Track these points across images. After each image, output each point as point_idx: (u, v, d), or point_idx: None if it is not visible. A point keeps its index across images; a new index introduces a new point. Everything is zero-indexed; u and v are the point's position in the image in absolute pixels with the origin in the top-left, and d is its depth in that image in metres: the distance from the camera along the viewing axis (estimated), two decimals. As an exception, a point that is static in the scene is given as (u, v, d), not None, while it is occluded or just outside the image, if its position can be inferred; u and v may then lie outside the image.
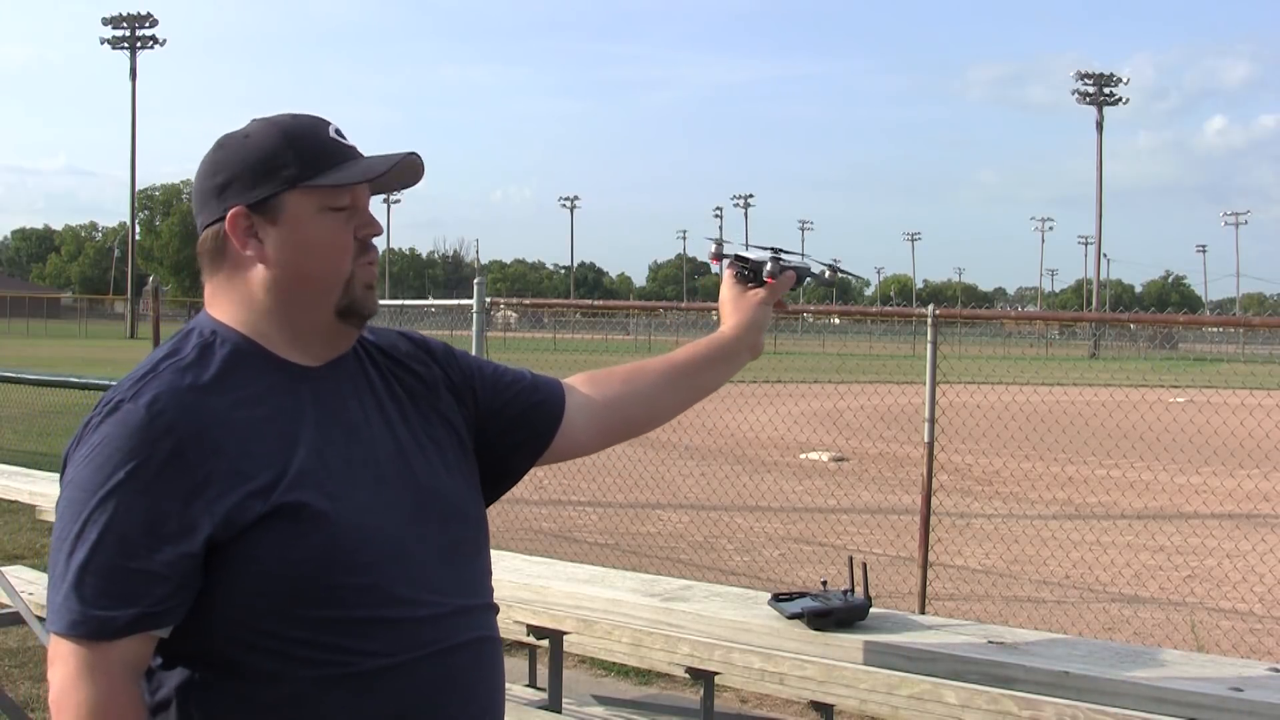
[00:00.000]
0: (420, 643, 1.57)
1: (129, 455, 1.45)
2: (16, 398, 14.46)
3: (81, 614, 1.43)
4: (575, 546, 8.09)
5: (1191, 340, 60.90)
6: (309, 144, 1.60)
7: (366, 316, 1.66)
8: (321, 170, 1.59)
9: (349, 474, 1.57)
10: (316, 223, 1.60)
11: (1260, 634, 6.65)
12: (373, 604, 1.53)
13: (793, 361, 28.17)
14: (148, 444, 1.46)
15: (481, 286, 7.17)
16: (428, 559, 1.62)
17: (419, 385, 1.75)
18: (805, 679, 2.98)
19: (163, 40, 74.34)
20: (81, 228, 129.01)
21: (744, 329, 2.18)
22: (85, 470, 1.47)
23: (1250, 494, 10.14)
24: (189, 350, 1.57)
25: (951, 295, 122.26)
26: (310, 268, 1.60)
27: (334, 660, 1.51)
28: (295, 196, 1.59)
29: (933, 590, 6.52)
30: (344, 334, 1.66)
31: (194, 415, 1.49)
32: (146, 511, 1.45)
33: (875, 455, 14.03)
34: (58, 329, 59.96)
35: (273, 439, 1.53)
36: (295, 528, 1.49)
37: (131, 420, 1.47)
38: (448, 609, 1.61)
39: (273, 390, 1.57)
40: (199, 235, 1.63)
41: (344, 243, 1.62)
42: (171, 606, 1.46)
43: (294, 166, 1.58)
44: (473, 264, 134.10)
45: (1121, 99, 78.85)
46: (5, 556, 6.95)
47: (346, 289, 1.62)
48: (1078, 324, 60.46)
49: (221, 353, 1.57)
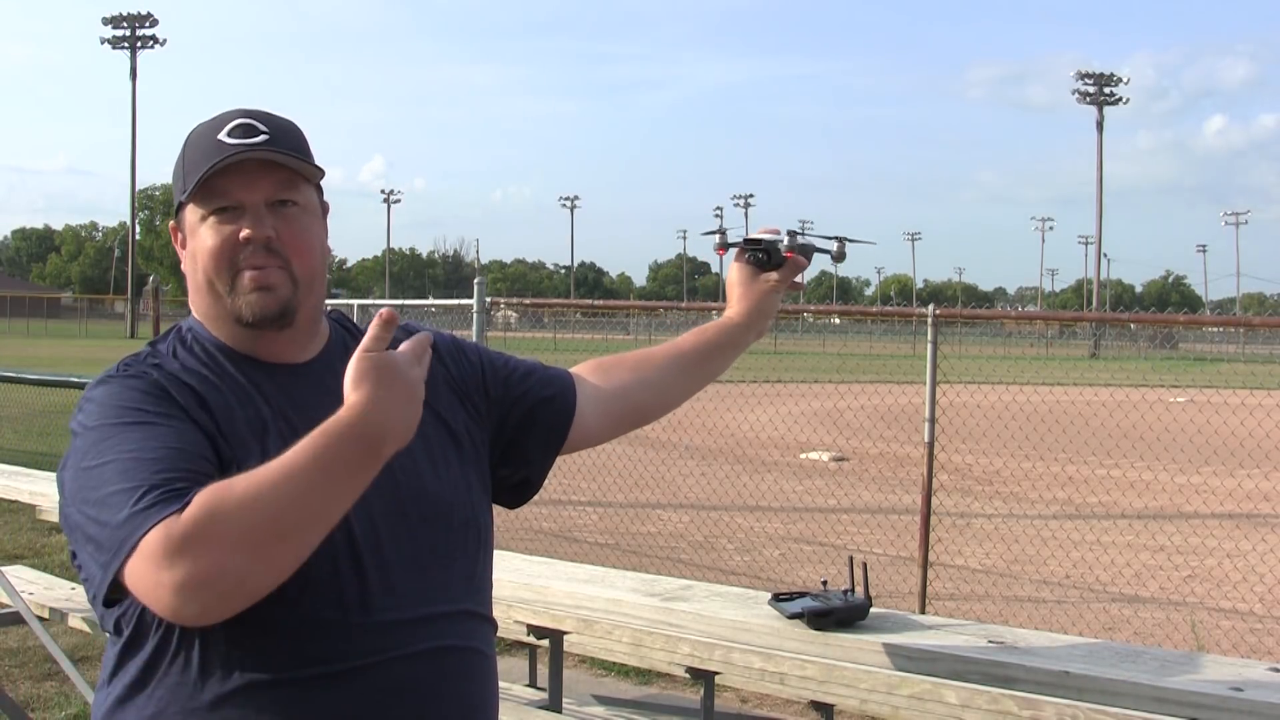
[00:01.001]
0: (367, 650, 1.52)
1: (139, 399, 1.51)
2: (16, 398, 14.46)
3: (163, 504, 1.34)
4: (575, 546, 8.09)
5: (1191, 340, 60.89)
6: (195, 154, 1.62)
7: (265, 322, 1.60)
8: (193, 183, 1.60)
9: None
10: (202, 232, 1.61)
11: (1260, 634, 6.66)
12: (312, 605, 1.49)
13: (793, 361, 28.17)
14: (149, 393, 1.52)
15: (481, 286, 7.17)
16: (396, 563, 1.57)
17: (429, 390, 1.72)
18: (805, 679, 2.98)
19: (163, 40, 74.33)
20: (81, 228, 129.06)
21: (755, 316, 2.15)
22: (96, 417, 1.49)
23: (1250, 494, 10.14)
24: (169, 342, 1.65)
25: (951, 295, 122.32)
26: (198, 278, 1.63)
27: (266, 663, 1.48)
28: (189, 209, 1.63)
29: (933, 590, 6.53)
30: (272, 338, 1.62)
31: (180, 383, 1.56)
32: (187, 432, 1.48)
33: (875, 455, 14.03)
34: (58, 329, 59.94)
35: (242, 422, 1.56)
36: None
37: (128, 382, 1.54)
38: (411, 616, 1.56)
39: (239, 383, 1.60)
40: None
41: (218, 249, 1.59)
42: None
43: (181, 179, 1.63)
44: (473, 264, 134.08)
45: (1121, 99, 78.92)
46: (5, 556, 6.95)
47: (232, 296, 1.60)
48: (1078, 324, 60.46)
49: (195, 347, 1.63)
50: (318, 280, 1.66)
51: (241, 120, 1.61)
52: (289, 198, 1.62)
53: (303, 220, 1.63)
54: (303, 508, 1.34)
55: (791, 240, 2.16)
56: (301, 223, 1.63)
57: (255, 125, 1.61)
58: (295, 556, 1.36)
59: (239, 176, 1.58)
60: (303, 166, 1.63)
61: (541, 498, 7.04)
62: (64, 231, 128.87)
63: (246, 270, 1.58)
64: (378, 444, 1.39)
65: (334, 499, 1.37)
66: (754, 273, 2.17)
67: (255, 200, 1.59)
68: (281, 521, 1.33)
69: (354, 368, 1.41)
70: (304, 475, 1.34)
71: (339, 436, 1.36)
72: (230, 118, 1.63)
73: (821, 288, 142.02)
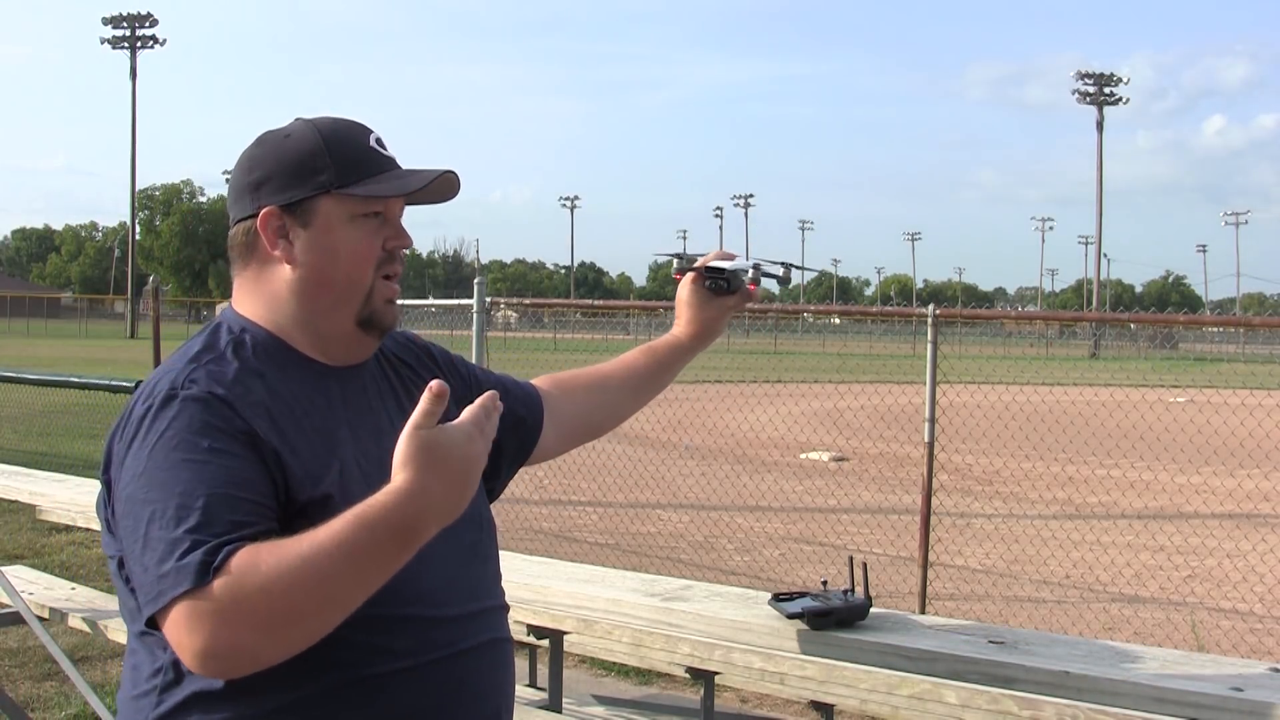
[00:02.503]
0: (439, 644, 1.57)
1: (206, 428, 1.44)
2: (16, 398, 14.46)
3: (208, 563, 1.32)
4: (575, 546, 8.09)
5: (1191, 340, 60.90)
6: (347, 150, 1.61)
7: (385, 330, 1.67)
8: (357, 178, 1.60)
9: (377, 475, 1.54)
10: (346, 230, 1.60)
11: (1260, 634, 6.66)
12: (399, 602, 1.52)
13: (793, 361, 28.19)
14: (221, 419, 1.46)
15: (481, 286, 7.17)
16: (450, 561, 1.63)
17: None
18: (805, 679, 2.98)
19: (163, 40, 74.34)
20: (81, 227, 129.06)
21: (706, 338, 2.24)
22: (163, 451, 1.42)
23: (1250, 494, 10.14)
24: (223, 346, 1.58)
25: (951, 295, 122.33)
26: (334, 274, 1.60)
27: (359, 660, 1.50)
28: (328, 202, 1.59)
29: (933, 590, 6.53)
30: (364, 342, 1.67)
31: (245, 401, 1.50)
32: (240, 470, 1.43)
33: (875, 455, 14.03)
34: (58, 329, 59.96)
35: (311, 434, 1.54)
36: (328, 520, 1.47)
37: (194, 404, 1.46)
38: (465, 611, 1.63)
39: (305, 389, 1.58)
40: (230, 229, 1.65)
41: (369, 253, 1.62)
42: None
43: (330, 172, 1.59)
44: (473, 264, 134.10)
45: (1121, 99, 78.91)
46: (5, 556, 6.95)
47: (367, 300, 1.62)
48: (1078, 324, 60.46)
49: (253, 349, 1.58)
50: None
51: (375, 133, 1.66)
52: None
53: None
54: (324, 596, 1.33)
55: (755, 273, 2.20)
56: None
57: (384, 141, 1.68)
58: (311, 637, 1.36)
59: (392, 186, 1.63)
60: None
61: (541, 497, 7.02)
62: (64, 231, 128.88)
63: (384, 279, 1.63)
64: (414, 534, 1.34)
65: (357, 588, 1.35)
66: (708, 296, 2.23)
67: (395, 213, 1.65)
68: (300, 608, 1.32)
69: (404, 445, 1.35)
70: (330, 563, 1.31)
71: (373, 527, 1.32)
72: (360, 125, 1.66)
73: (821, 288, 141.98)
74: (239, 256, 1.64)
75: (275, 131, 1.64)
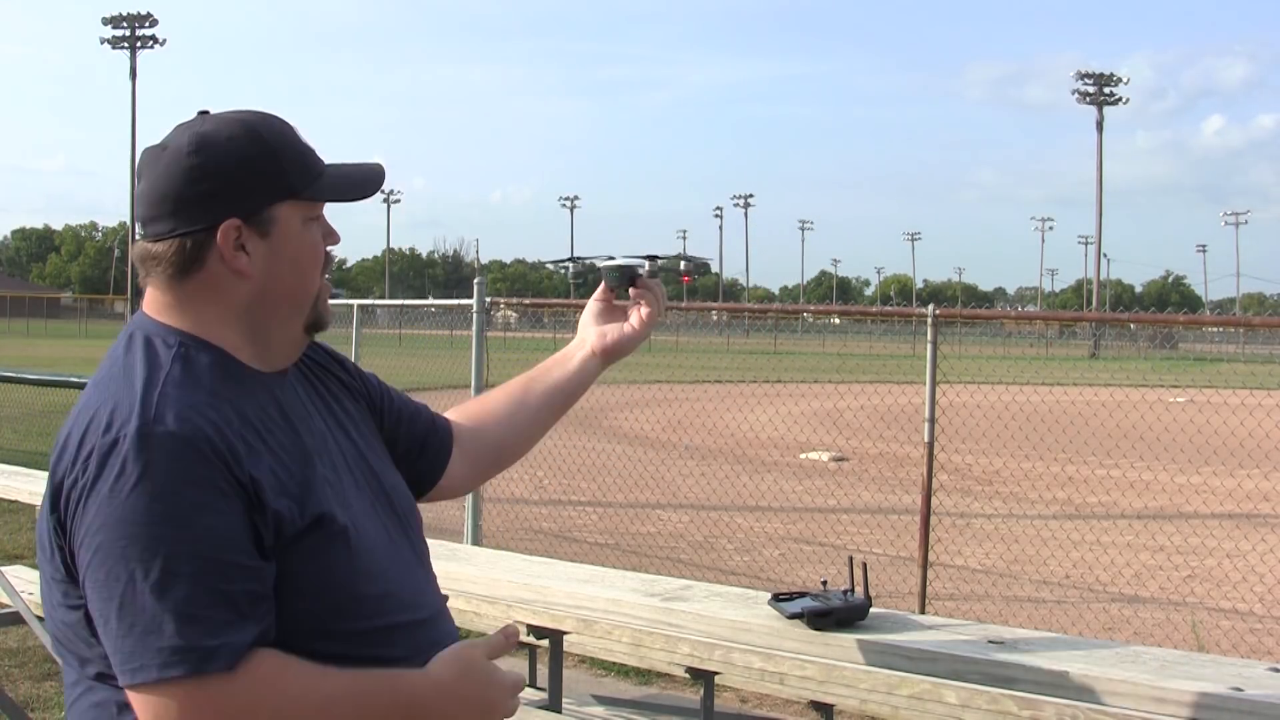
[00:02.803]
0: (422, 646, 1.55)
1: (185, 479, 1.36)
2: (16, 398, 14.47)
3: (205, 648, 1.31)
4: (575, 546, 8.09)
5: (1191, 340, 60.90)
6: (294, 153, 1.55)
7: (325, 329, 1.64)
8: (310, 181, 1.54)
9: (339, 481, 1.55)
10: (301, 236, 1.55)
11: (1260, 634, 6.66)
12: (390, 611, 1.52)
13: (793, 361, 28.18)
14: (200, 463, 1.37)
15: (481, 286, 7.17)
16: (410, 563, 1.61)
17: (343, 390, 1.72)
18: (805, 679, 2.98)
19: (163, 40, 74.52)
20: (81, 228, 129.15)
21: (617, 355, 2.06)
22: (138, 504, 1.34)
23: (1250, 494, 10.14)
24: (169, 363, 1.46)
25: (951, 295, 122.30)
26: (293, 282, 1.55)
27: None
28: (286, 209, 1.53)
29: (933, 590, 6.52)
30: (301, 346, 1.63)
31: (222, 433, 1.41)
32: (228, 531, 1.36)
33: (875, 455, 14.03)
34: (58, 329, 59.94)
35: (283, 452, 1.48)
36: (325, 542, 1.46)
37: (171, 445, 1.37)
38: (435, 610, 1.61)
39: (261, 404, 1.51)
40: (158, 240, 1.50)
41: (319, 257, 1.58)
42: (273, 622, 1.40)
43: (286, 177, 1.52)
44: (473, 264, 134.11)
45: (1121, 99, 78.94)
46: (5, 556, 6.96)
47: (315, 303, 1.58)
48: (1078, 324, 60.47)
49: (201, 363, 1.49)
50: None
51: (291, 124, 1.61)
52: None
53: None
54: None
55: (652, 265, 2.05)
56: None
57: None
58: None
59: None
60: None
61: (541, 498, 7.02)
62: (64, 231, 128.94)
63: (325, 279, 1.61)
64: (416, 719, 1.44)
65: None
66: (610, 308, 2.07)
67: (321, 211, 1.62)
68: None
69: (462, 652, 1.48)
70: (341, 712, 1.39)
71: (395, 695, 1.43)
72: (285, 121, 1.57)
73: (821, 288, 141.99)
74: (176, 270, 1.49)
75: (210, 137, 1.51)
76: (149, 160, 1.53)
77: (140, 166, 1.55)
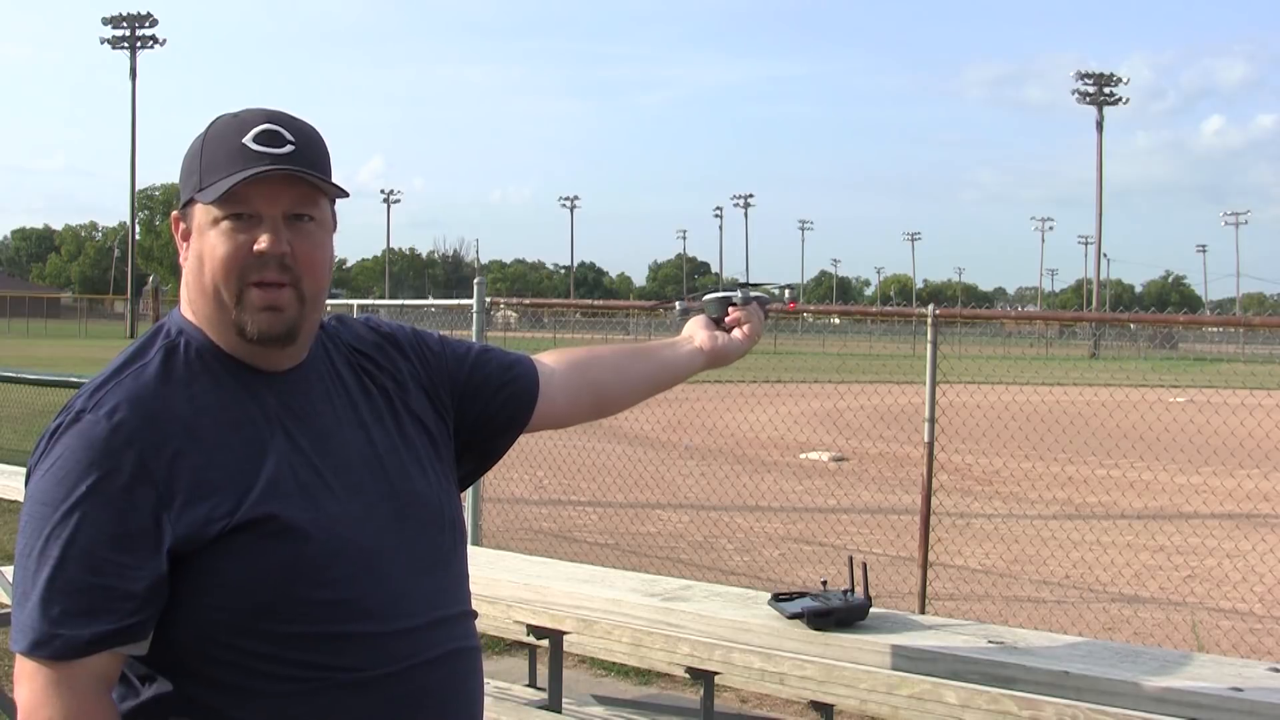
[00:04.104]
0: (393, 657, 1.52)
1: (90, 468, 1.42)
2: (16, 398, 14.45)
3: (46, 633, 1.39)
4: (575, 546, 8.09)
5: (1191, 340, 60.94)
6: (216, 151, 1.55)
7: (270, 340, 1.54)
8: (214, 179, 1.53)
9: (319, 484, 1.53)
10: (213, 235, 1.53)
11: (1260, 634, 6.65)
12: (342, 619, 1.50)
13: (793, 361, 28.15)
14: (110, 455, 1.42)
15: (481, 286, 7.17)
16: (405, 570, 1.57)
17: (390, 381, 1.70)
18: (805, 679, 2.98)
19: (163, 40, 74.31)
20: (81, 228, 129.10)
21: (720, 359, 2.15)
22: (47, 483, 1.44)
23: (1250, 494, 10.14)
24: (153, 354, 1.53)
25: (951, 295, 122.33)
26: (203, 281, 1.54)
27: (299, 676, 1.47)
28: (198, 206, 1.54)
29: (933, 590, 6.52)
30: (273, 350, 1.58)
31: (157, 425, 1.45)
32: (111, 525, 1.41)
33: (875, 455, 14.03)
34: (58, 329, 59.94)
35: (238, 448, 1.48)
36: (261, 542, 1.45)
37: (92, 431, 1.44)
38: (423, 621, 1.57)
39: (237, 398, 1.52)
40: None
41: (230, 257, 1.51)
42: (138, 622, 1.42)
43: (197, 174, 1.55)
44: (473, 264, 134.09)
45: (1121, 99, 78.92)
46: (5, 556, 6.95)
47: (239, 309, 1.52)
48: (1078, 324, 60.48)
49: (186, 356, 1.52)
50: (323, 297, 1.61)
51: (268, 126, 1.54)
52: (308, 213, 1.56)
53: (317, 236, 1.57)
54: None
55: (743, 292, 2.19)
56: (316, 239, 1.57)
57: (282, 134, 1.54)
58: None
59: (261, 186, 1.51)
60: (327, 186, 1.58)
61: (541, 498, 7.01)
62: (64, 231, 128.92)
63: (256, 286, 1.52)
64: None
65: None
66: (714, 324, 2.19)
67: (274, 212, 1.53)
68: None
69: None
70: None
71: None
72: (255, 120, 1.55)
73: (821, 288, 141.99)
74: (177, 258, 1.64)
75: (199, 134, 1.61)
76: None
77: None
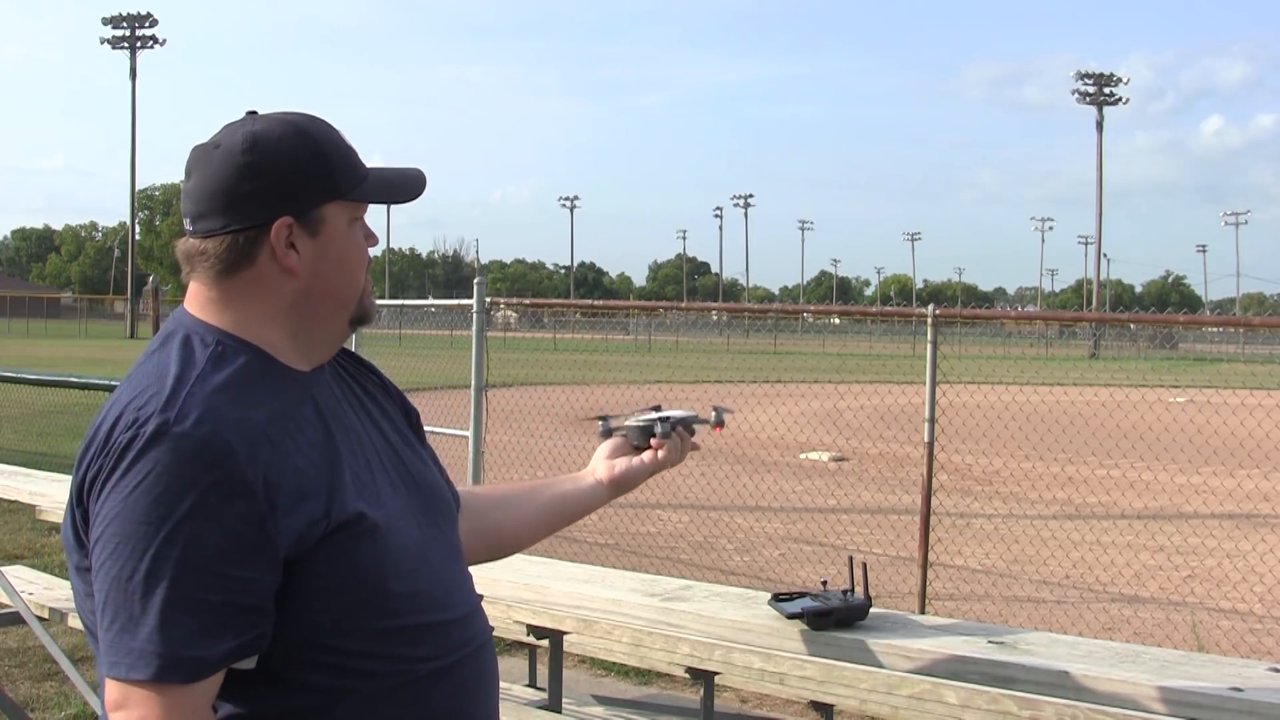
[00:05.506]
0: (458, 645, 1.58)
1: (191, 483, 1.36)
2: (16, 398, 14.46)
3: (173, 657, 1.34)
4: (575, 546, 8.09)
5: (1191, 340, 60.98)
6: (342, 153, 1.58)
7: (370, 323, 1.69)
8: (358, 181, 1.57)
9: (372, 480, 1.56)
10: (347, 236, 1.58)
11: (1260, 634, 6.65)
12: (421, 610, 1.53)
13: (793, 361, 28.16)
14: (207, 469, 1.37)
15: (481, 286, 7.17)
16: (445, 560, 1.62)
17: (379, 389, 1.73)
18: (805, 679, 2.98)
19: (163, 40, 74.38)
20: (81, 228, 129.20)
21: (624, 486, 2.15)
22: (141, 502, 1.36)
23: (1250, 494, 10.15)
24: (203, 363, 1.48)
25: (951, 295, 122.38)
26: (339, 281, 1.57)
27: (392, 670, 1.50)
28: (333, 209, 1.55)
29: (933, 590, 6.53)
30: (339, 343, 1.65)
31: (245, 434, 1.41)
32: (222, 540, 1.37)
33: (875, 455, 14.03)
34: (58, 329, 59.94)
35: (310, 451, 1.48)
36: (355, 541, 1.47)
37: (185, 446, 1.37)
38: (470, 608, 1.63)
39: (294, 402, 1.52)
40: (208, 237, 1.52)
41: (365, 255, 1.62)
42: (260, 634, 1.40)
43: (335, 178, 1.55)
44: (473, 264, 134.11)
45: (1121, 99, 78.88)
46: (5, 556, 6.96)
47: (361, 299, 1.62)
48: (1078, 324, 60.47)
49: (236, 363, 1.49)
50: None
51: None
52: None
53: None
54: None
55: (664, 426, 2.11)
56: None
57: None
58: None
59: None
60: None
61: (541, 498, 6.75)
62: (64, 231, 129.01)
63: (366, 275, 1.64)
64: None
65: None
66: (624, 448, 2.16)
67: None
68: None
69: None
70: None
71: None
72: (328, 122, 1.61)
73: (821, 288, 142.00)
74: (225, 268, 1.52)
75: (263, 136, 1.52)
76: (199, 158, 1.54)
77: (189, 164, 1.56)
